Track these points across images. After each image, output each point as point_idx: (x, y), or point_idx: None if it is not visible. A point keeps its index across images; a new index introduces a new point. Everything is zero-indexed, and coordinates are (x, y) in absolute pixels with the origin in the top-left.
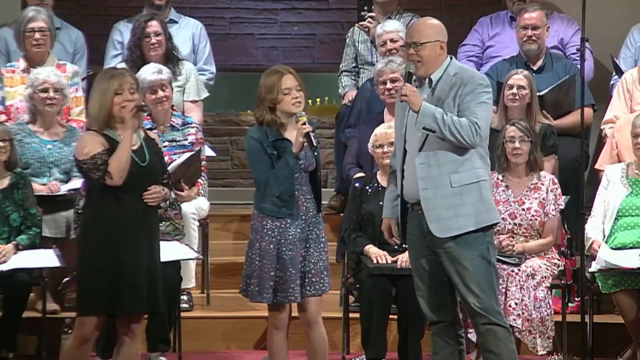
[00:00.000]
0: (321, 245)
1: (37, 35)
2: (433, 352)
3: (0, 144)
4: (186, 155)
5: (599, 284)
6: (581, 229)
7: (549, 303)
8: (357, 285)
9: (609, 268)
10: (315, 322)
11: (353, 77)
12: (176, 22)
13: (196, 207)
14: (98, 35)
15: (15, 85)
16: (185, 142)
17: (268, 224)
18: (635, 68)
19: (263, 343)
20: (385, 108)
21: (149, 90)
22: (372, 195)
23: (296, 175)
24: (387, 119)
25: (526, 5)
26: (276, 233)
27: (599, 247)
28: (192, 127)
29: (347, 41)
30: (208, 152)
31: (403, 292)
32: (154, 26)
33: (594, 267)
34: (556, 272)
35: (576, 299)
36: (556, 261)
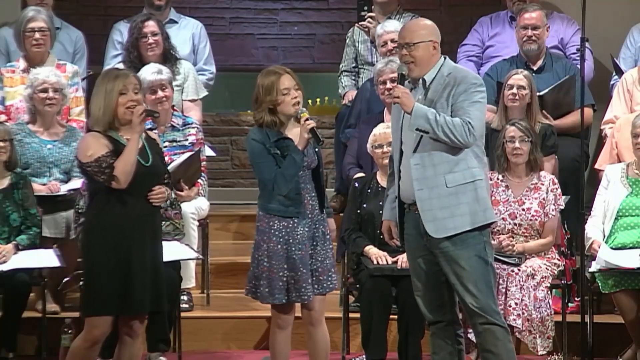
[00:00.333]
0: (327, 243)
1: (37, 35)
2: (432, 352)
3: (0, 144)
4: (186, 155)
5: (599, 284)
6: (581, 229)
7: (549, 303)
8: (357, 285)
9: (609, 268)
10: (319, 322)
11: (353, 77)
12: (176, 22)
13: (196, 207)
14: (98, 35)
15: (15, 85)
16: (185, 143)
17: (275, 225)
18: (635, 68)
19: (263, 343)
20: (385, 108)
21: (149, 90)
22: (372, 195)
23: (300, 173)
24: (387, 119)
25: (526, 5)
26: (284, 233)
27: (599, 247)
28: (193, 128)
29: (347, 41)
30: (208, 152)
31: (403, 293)
32: (151, 26)
33: (594, 267)
34: (556, 272)
35: (576, 299)
36: (556, 261)
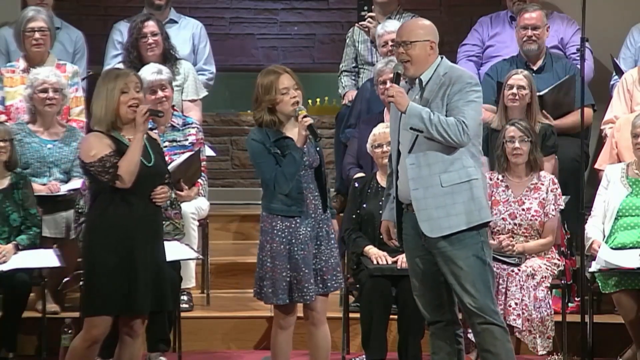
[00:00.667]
0: (331, 242)
1: (37, 35)
2: (432, 352)
3: (0, 144)
4: (186, 155)
5: (599, 284)
6: (581, 229)
7: (549, 303)
8: (357, 285)
9: (609, 268)
10: (321, 322)
11: (353, 77)
12: (176, 22)
13: (196, 207)
14: (98, 35)
15: (15, 85)
16: (185, 143)
17: (278, 225)
18: (635, 68)
19: (263, 343)
20: (385, 108)
21: (149, 90)
22: (372, 195)
23: (302, 172)
24: (387, 119)
25: (526, 5)
26: (286, 233)
27: (599, 247)
28: (193, 128)
29: (347, 41)
30: (208, 152)
31: (403, 293)
32: (151, 26)
33: (594, 267)
34: (556, 272)
35: (576, 299)
36: (556, 261)
